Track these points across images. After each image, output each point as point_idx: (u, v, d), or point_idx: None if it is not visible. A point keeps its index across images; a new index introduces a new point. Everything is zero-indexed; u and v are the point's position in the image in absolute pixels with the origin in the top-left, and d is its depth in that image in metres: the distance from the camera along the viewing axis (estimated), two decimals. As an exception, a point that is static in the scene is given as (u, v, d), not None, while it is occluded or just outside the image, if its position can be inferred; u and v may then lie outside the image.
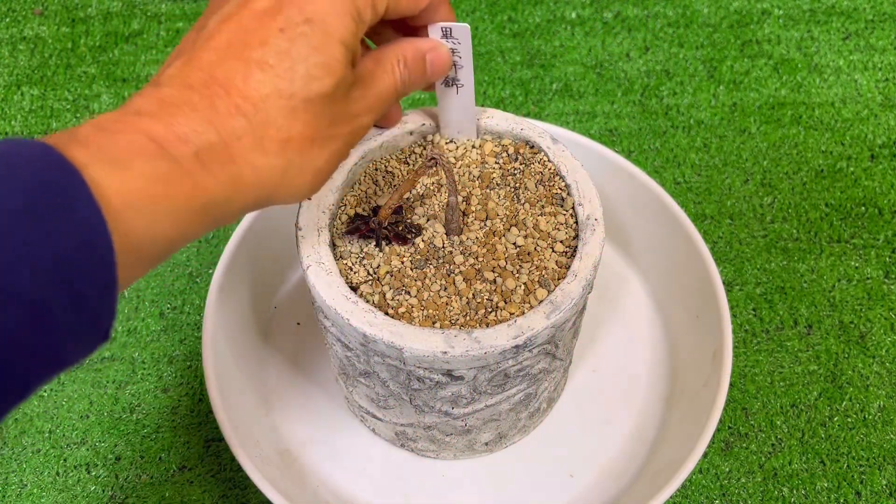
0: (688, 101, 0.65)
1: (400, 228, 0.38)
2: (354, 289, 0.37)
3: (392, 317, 0.35)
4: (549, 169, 0.40)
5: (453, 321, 0.35)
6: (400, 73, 0.33)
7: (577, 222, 0.39)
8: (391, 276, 0.37)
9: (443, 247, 0.38)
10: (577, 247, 0.38)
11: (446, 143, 0.42)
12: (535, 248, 0.38)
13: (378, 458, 0.46)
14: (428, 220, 0.39)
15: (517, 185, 0.40)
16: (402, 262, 0.37)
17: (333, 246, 0.38)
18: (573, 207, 0.39)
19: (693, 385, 0.46)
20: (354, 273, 0.37)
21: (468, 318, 0.36)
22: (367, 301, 0.36)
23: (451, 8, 0.35)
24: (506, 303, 0.36)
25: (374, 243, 0.38)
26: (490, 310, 0.36)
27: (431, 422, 0.41)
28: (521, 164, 0.41)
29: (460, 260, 0.37)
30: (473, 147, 0.42)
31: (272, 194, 0.29)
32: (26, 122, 0.64)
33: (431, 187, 0.40)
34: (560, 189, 0.40)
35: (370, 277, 0.37)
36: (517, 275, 0.37)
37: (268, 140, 0.27)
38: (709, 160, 0.61)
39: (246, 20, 0.28)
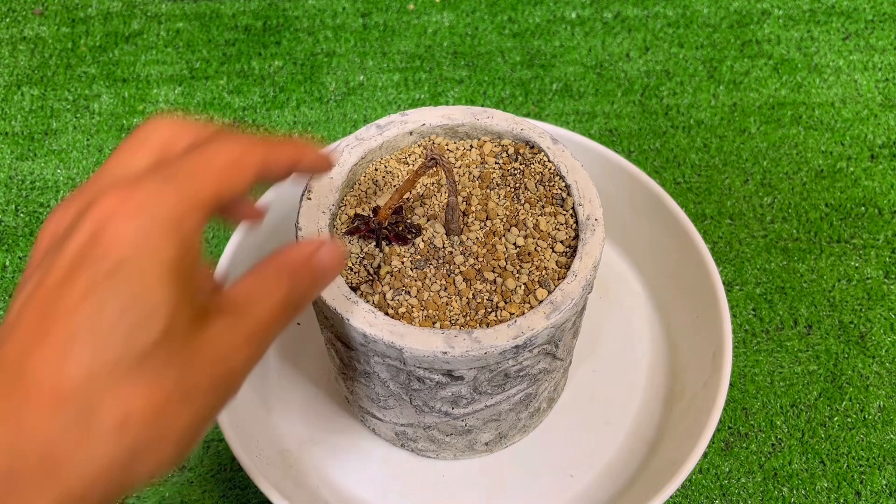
0: (688, 101, 0.65)
1: (400, 228, 0.38)
2: (354, 289, 0.37)
3: (392, 317, 0.36)
4: (550, 169, 0.40)
5: (453, 321, 0.36)
6: (287, 286, 0.27)
7: (577, 222, 0.39)
8: (391, 276, 0.37)
9: (443, 247, 0.38)
10: (577, 247, 0.38)
11: (446, 143, 0.42)
12: (536, 249, 0.38)
13: (378, 458, 0.46)
14: (428, 220, 0.39)
15: (517, 185, 0.40)
16: (403, 263, 0.37)
17: (333, 246, 0.38)
18: (573, 207, 0.39)
19: (693, 385, 0.46)
20: (354, 273, 0.37)
21: (468, 318, 0.36)
22: (367, 301, 0.36)
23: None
24: (506, 303, 0.36)
25: (374, 243, 0.38)
26: (490, 310, 0.36)
27: (431, 422, 0.41)
28: (521, 164, 0.41)
29: (460, 260, 0.37)
30: (473, 147, 0.42)
31: (125, 483, 0.23)
32: (26, 122, 0.64)
33: (431, 187, 0.40)
34: (560, 189, 0.40)
35: (370, 277, 0.37)
36: (517, 275, 0.37)
37: (98, 426, 0.22)
38: (709, 160, 0.61)
39: (45, 298, 0.23)
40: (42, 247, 0.26)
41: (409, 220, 0.38)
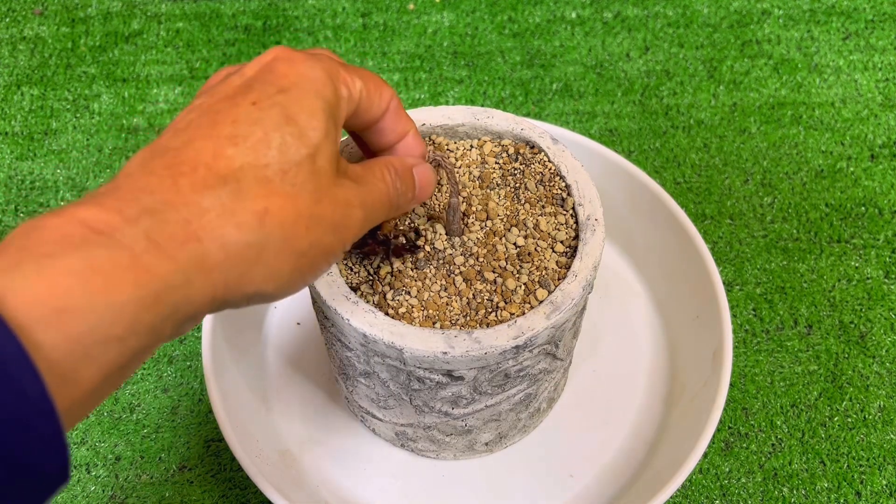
0: (688, 101, 0.65)
1: (404, 240, 0.38)
2: (355, 289, 0.37)
3: (392, 317, 0.35)
4: (550, 169, 0.40)
5: (453, 321, 0.35)
6: (392, 180, 0.31)
7: (577, 222, 0.39)
8: (391, 276, 0.37)
9: (443, 248, 0.38)
10: (577, 247, 0.38)
11: (446, 143, 0.42)
12: (536, 249, 0.38)
13: (378, 458, 0.46)
14: (429, 220, 0.39)
15: (517, 185, 0.40)
16: (403, 263, 0.37)
17: (333, 246, 0.38)
18: (573, 207, 0.39)
19: (693, 385, 0.46)
20: (355, 273, 0.37)
21: (468, 318, 0.36)
22: (368, 301, 0.36)
23: (415, 130, 0.33)
24: (506, 303, 0.36)
25: (381, 256, 0.38)
26: (490, 310, 0.36)
27: (431, 422, 0.41)
28: (521, 164, 0.41)
29: (461, 260, 0.37)
30: (473, 147, 0.42)
31: (245, 276, 0.24)
32: (26, 122, 0.64)
33: (431, 187, 0.40)
34: (560, 189, 0.40)
35: (370, 277, 0.37)
36: (517, 275, 0.37)
37: (242, 211, 0.24)
38: (709, 160, 0.61)
39: (216, 104, 0.26)
40: (207, 85, 0.28)
41: (411, 224, 0.38)
